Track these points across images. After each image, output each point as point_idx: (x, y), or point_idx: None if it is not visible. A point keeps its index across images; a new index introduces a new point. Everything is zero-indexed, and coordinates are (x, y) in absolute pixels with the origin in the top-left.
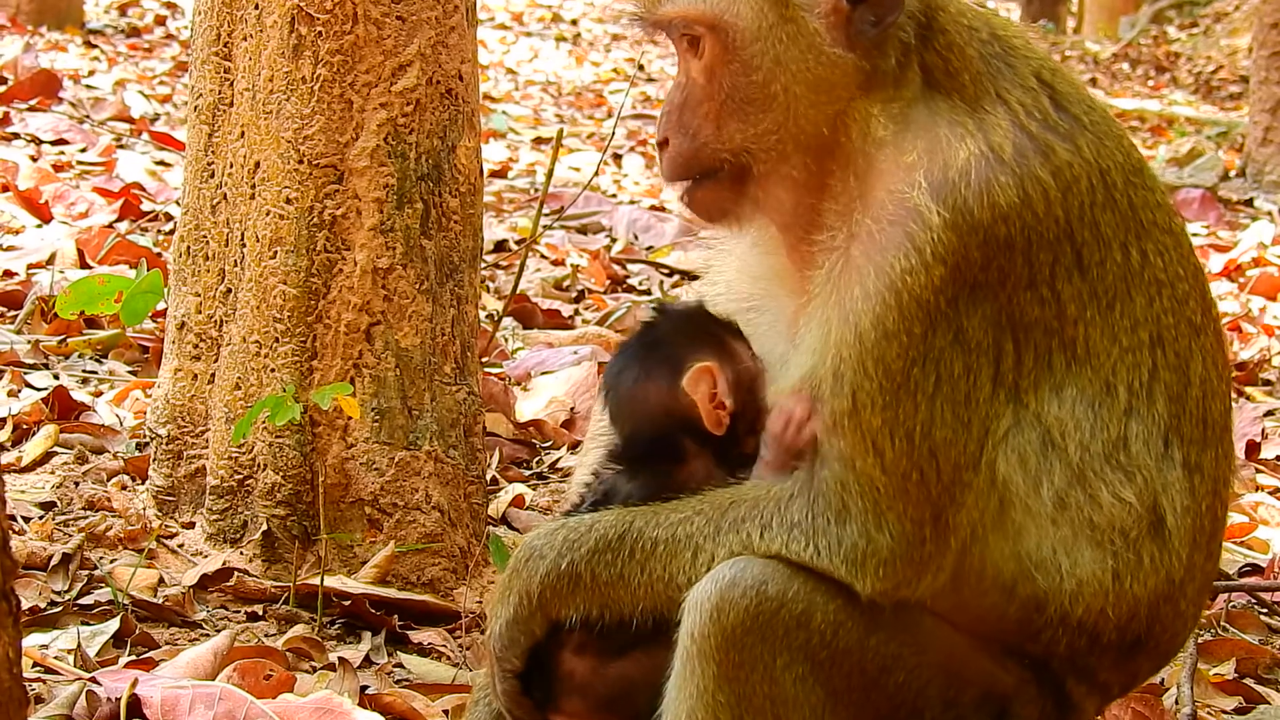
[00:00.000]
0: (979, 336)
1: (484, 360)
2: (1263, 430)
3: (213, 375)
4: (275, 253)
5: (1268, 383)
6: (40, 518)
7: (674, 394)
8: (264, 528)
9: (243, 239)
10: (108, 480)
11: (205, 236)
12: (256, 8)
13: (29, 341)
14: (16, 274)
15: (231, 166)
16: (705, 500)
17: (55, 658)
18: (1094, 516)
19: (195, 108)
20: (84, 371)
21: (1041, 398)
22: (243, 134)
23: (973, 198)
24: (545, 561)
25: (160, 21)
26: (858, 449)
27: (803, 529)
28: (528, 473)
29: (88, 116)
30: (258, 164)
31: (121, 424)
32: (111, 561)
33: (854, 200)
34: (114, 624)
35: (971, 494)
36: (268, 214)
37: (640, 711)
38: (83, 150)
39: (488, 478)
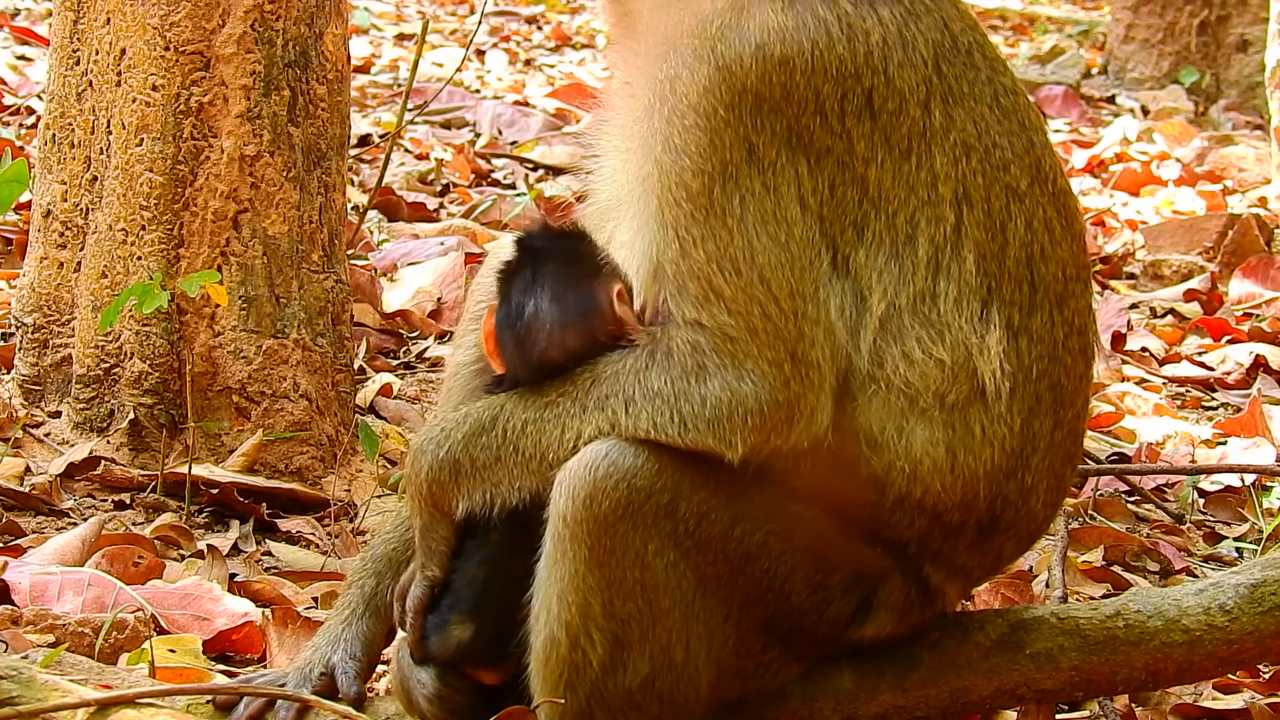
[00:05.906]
0: (771, 155)
1: (350, 252)
2: (1128, 322)
3: (79, 263)
4: (142, 140)
5: (1131, 276)
6: None
7: (600, 320)
8: (131, 416)
9: (109, 126)
10: None
11: (71, 124)
12: None
13: None
14: None
15: (97, 53)
16: (569, 380)
17: None
18: (909, 375)
19: None
20: None
21: (847, 239)
22: (109, 20)
23: (745, 18)
24: (427, 456)
25: None
26: (699, 299)
27: (664, 397)
28: (395, 362)
29: None
30: (124, 51)
31: None
32: None
33: (649, 51)
34: None
35: (819, 330)
36: (134, 101)
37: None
38: None
39: (355, 367)
